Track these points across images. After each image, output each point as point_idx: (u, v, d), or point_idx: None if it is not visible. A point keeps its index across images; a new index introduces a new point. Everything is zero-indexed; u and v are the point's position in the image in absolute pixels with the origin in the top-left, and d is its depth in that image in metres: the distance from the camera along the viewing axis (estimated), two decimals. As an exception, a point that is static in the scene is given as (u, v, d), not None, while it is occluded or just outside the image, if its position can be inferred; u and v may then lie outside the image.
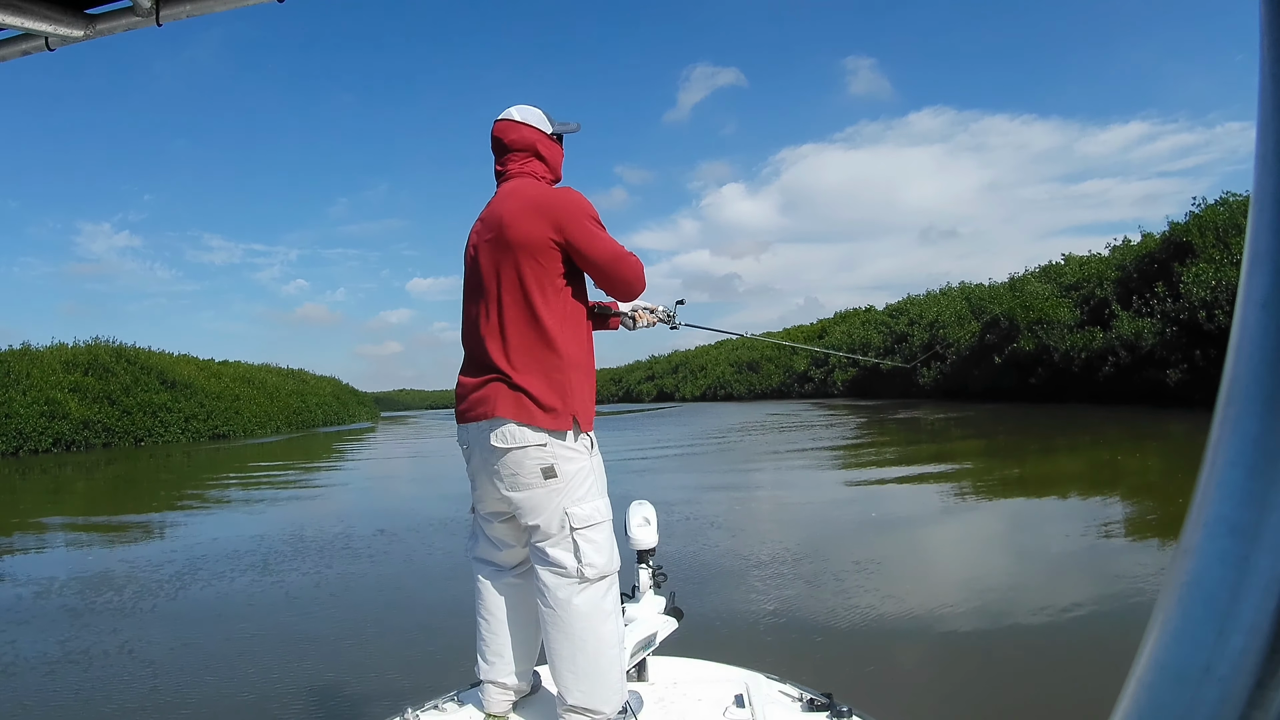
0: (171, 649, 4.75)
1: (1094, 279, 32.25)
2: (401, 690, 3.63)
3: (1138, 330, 26.86)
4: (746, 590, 5.45)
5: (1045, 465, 12.74)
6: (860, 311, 66.03)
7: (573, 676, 1.94)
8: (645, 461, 15.50)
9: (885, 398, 44.53)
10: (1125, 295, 29.03)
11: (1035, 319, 33.01)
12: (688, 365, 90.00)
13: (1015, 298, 36.11)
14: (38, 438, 28.95)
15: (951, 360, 40.93)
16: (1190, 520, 0.33)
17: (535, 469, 1.94)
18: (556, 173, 2.21)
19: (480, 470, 2.05)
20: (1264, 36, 0.32)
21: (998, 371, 34.77)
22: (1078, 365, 29.63)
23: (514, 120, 2.16)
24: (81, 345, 35.91)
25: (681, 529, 7.43)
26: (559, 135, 2.23)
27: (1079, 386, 29.08)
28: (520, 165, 2.14)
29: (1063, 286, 34.39)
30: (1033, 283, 36.89)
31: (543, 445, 1.94)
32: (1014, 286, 38.89)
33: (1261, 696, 0.29)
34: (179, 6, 1.18)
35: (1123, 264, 31.22)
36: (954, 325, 42.35)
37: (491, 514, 2.12)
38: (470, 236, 2.15)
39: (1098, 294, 31.10)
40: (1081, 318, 31.37)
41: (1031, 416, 23.15)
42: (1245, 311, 0.32)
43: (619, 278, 2.05)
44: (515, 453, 1.94)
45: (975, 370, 37.49)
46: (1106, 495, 8.94)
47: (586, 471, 2.00)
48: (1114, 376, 27.50)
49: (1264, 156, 0.32)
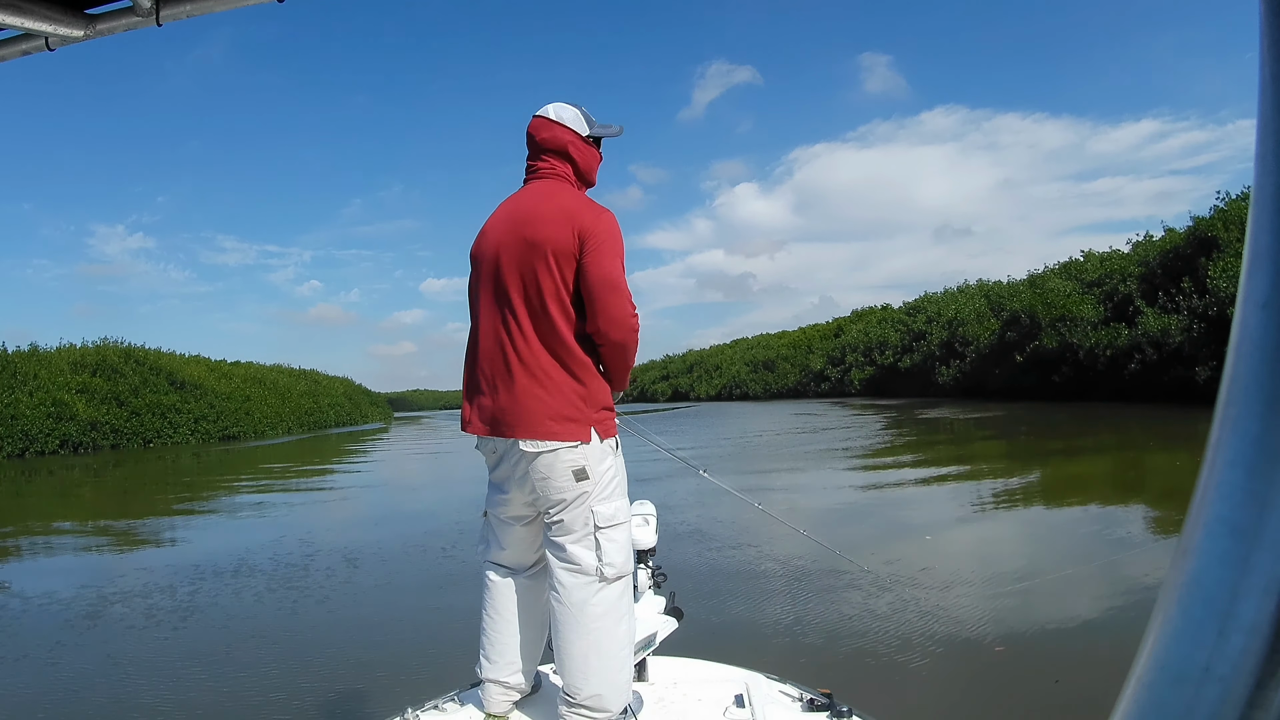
0: (170, 650, 4.77)
1: (1117, 275, 31.41)
2: (401, 690, 3.64)
3: (1164, 327, 26.08)
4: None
5: (1105, 466, 12.06)
6: (877, 310, 65.13)
7: (583, 676, 1.93)
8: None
9: (903, 396, 43.70)
10: (1150, 291, 28.30)
11: (1057, 316, 32.21)
12: (703, 365, 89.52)
13: (1036, 295, 35.28)
14: (44, 439, 28.76)
15: (971, 359, 40.11)
16: (1190, 520, 0.33)
17: (567, 471, 1.94)
18: (590, 178, 2.15)
19: (508, 476, 2.04)
20: (1264, 36, 0.32)
21: (1019, 370, 33.97)
22: (1102, 363, 28.80)
23: (549, 118, 2.10)
24: (90, 346, 35.81)
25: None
26: (596, 138, 2.15)
27: (1104, 385, 28.28)
28: (551, 166, 2.09)
29: (1084, 283, 33.56)
30: (1053, 279, 36.03)
31: (573, 447, 1.94)
32: (1034, 283, 38.07)
33: (1261, 696, 0.29)
34: (179, 6, 1.18)
35: (1146, 259, 30.43)
36: (973, 323, 41.51)
37: (513, 518, 2.10)
38: (488, 232, 2.07)
39: (1121, 290, 30.26)
40: (1105, 314, 30.55)
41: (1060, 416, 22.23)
42: (1245, 311, 0.32)
43: (608, 309, 1.95)
44: (547, 456, 1.94)
45: (995, 369, 36.65)
46: (1134, 498, 8.52)
47: (614, 471, 2.02)
48: (1140, 374, 26.70)
49: (1264, 156, 0.32)
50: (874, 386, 52.30)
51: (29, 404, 28.92)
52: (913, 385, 45.66)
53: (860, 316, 66.39)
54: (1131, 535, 6.83)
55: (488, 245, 2.05)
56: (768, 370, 72.24)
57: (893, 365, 50.59)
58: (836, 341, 63.73)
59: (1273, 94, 0.32)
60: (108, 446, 31.18)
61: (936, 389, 42.25)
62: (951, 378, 41.65)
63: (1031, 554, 6.32)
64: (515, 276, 1.96)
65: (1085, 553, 6.08)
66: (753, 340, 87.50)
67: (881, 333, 54.92)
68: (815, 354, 66.09)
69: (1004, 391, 34.32)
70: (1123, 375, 27.48)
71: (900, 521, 8.03)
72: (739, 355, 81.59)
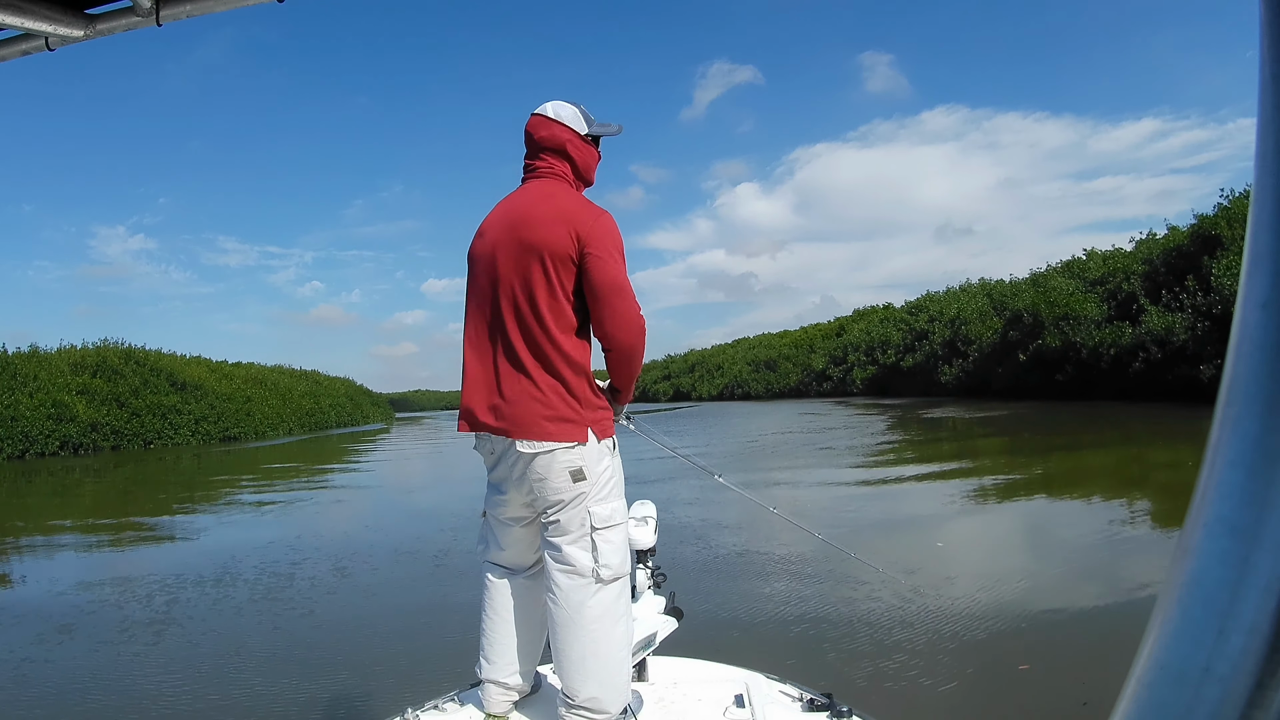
0: (168, 651, 4.78)
1: (1120, 274, 31.24)
2: (402, 690, 3.63)
3: (1168, 325, 25.93)
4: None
5: (1133, 466, 11.92)
6: (879, 309, 64.95)
7: (581, 677, 1.92)
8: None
9: (906, 396, 43.55)
10: (1154, 290, 28.14)
11: (1060, 315, 32.04)
12: (704, 364, 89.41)
13: (1039, 294, 35.11)
14: (45, 440, 28.73)
15: (974, 358, 39.97)
16: (1190, 520, 0.33)
17: (564, 472, 1.92)
18: (588, 176, 2.13)
19: (506, 476, 2.02)
20: (1264, 36, 0.32)
21: (1022, 369, 33.82)
22: (1106, 362, 28.66)
23: (546, 116, 2.07)
24: (90, 347, 35.76)
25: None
26: (594, 137, 2.12)
27: (1107, 383, 28.13)
28: (549, 165, 2.07)
29: (1088, 282, 33.37)
30: (1056, 278, 35.84)
31: (570, 448, 1.92)
32: (1036, 282, 37.91)
33: (1261, 696, 0.29)
34: (179, 6, 1.18)
35: (1149, 258, 30.24)
36: (976, 322, 41.35)
37: (512, 519, 2.09)
38: (485, 233, 2.05)
39: (1125, 289, 30.10)
40: (1109, 313, 30.38)
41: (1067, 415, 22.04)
42: (1245, 312, 0.32)
43: (615, 312, 1.93)
44: (544, 457, 1.92)
45: (998, 368, 36.51)
46: (1142, 496, 8.41)
47: (611, 472, 2.00)
48: (1144, 373, 26.54)
49: (1264, 156, 0.32)
50: (876, 386, 52.13)
51: (29, 405, 28.88)
52: (915, 384, 45.50)
53: (862, 316, 66.23)
54: (1157, 539, 6.53)
55: (484, 246, 2.03)
56: (770, 370, 72.10)
57: (895, 365, 50.43)
58: (839, 341, 63.59)
59: (1273, 94, 0.32)
60: (108, 448, 31.14)
61: (939, 388, 42.08)
62: (954, 377, 41.49)
63: (1061, 566, 5.98)
64: (511, 278, 1.95)
65: (1118, 565, 5.78)
66: (754, 340, 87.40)
67: (884, 332, 54.73)
68: (817, 353, 65.92)
69: (1007, 391, 34.16)
70: (1127, 374, 27.33)
71: (913, 524, 7.87)
72: (740, 355, 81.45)
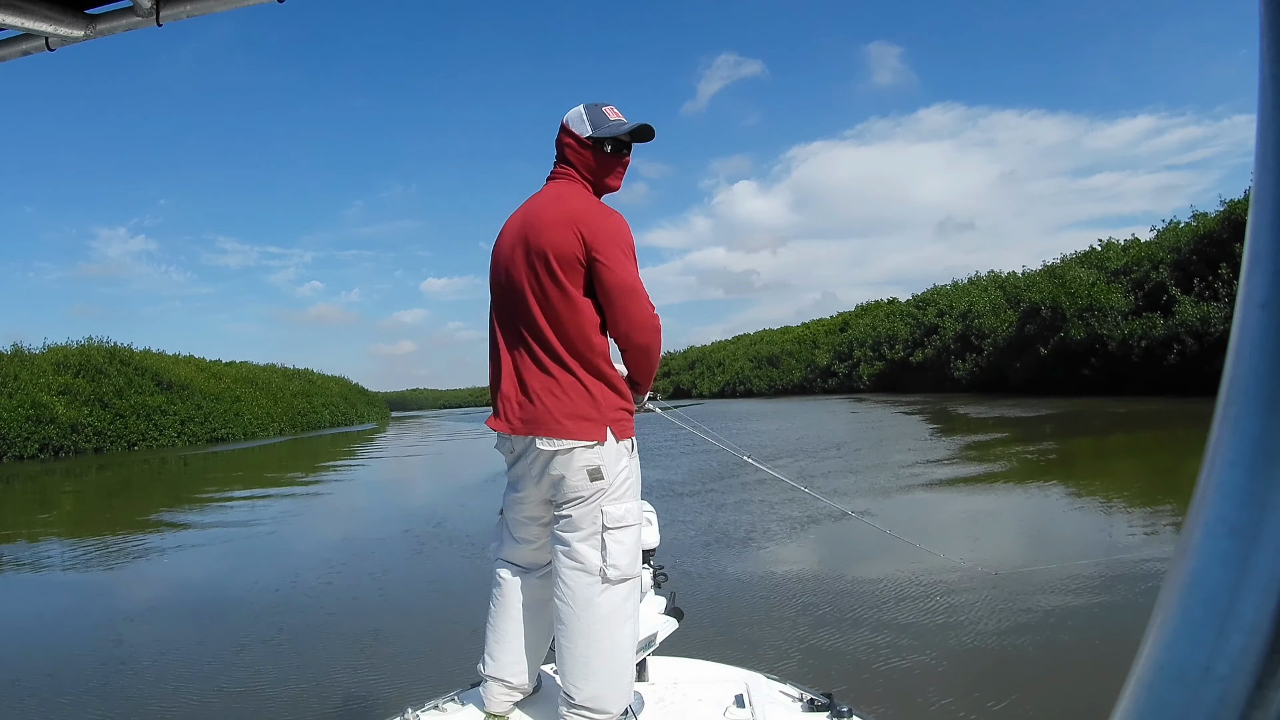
0: (168, 651, 4.75)
1: (1145, 262, 30.09)
2: (401, 690, 3.66)
3: (1204, 315, 24.89)
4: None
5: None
6: (884, 304, 63.91)
7: (583, 676, 1.89)
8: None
9: (917, 392, 42.33)
10: (1184, 279, 27.10)
11: (1083, 306, 30.85)
12: (704, 361, 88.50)
13: (1057, 285, 33.91)
14: (23, 443, 27.37)
15: (988, 352, 38.79)
16: (1190, 520, 0.33)
17: (582, 470, 1.90)
18: (595, 180, 2.04)
19: (524, 474, 2.00)
20: (1264, 36, 0.32)
21: (1043, 363, 32.59)
22: (1137, 355, 27.50)
23: (563, 121, 2.07)
24: (73, 346, 34.33)
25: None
26: (598, 140, 2.00)
27: (1140, 377, 26.98)
28: (563, 169, 2.05)
29: (1109, 272, 32.20)
30: (1075, 268, 34.59)
31: (589, 447, 1.90)
32: (1053, 273, 36.80)
33: (1261, 696, 0.29)
34: (179, 6, 1.17)
35: (1177, 246, 29.16)
36: (989, 315, 40.23)
37: (528, 518, 2.07)
38: (504, 235, 2.05)
39: (1153, 278, 28.96)
40: (1135, 304, 29.20)
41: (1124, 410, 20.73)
42: (1245, 312, 0.32)
43: (628, 313, 1.92)
44: (562, 455, 1.90)
45: (1016, 362, 35.27)
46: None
47: (628, 473, 1.97)
48: (1180, 366, 25.37)
49: (1264, 156, 0.32)
50: (884, 381, 51.00)
51: (7, 406, 27.50)
52: (926, 380, 44.35)
53: (866, 310, 65.18)
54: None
55: (503, 247, 2.02)
56: (772, 366, 70.93)
57: (904, 360, 49.34)
58: (843, 336, 62.43)
59: (1273, 93, 0.32)
60: (90, 450, 29.77)
61: (952, 383, 40.94)
62: (968, 371, 40.36)
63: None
64: (525, 279, 1.94)
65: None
66: (755, 336, 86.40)
67: (890, 326, 53.67)
68: (821, 349, 64.72)
69: (1028, 385, 32.95)
70: (1161, 367, 26.16)
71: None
72: (742, 351, 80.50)
